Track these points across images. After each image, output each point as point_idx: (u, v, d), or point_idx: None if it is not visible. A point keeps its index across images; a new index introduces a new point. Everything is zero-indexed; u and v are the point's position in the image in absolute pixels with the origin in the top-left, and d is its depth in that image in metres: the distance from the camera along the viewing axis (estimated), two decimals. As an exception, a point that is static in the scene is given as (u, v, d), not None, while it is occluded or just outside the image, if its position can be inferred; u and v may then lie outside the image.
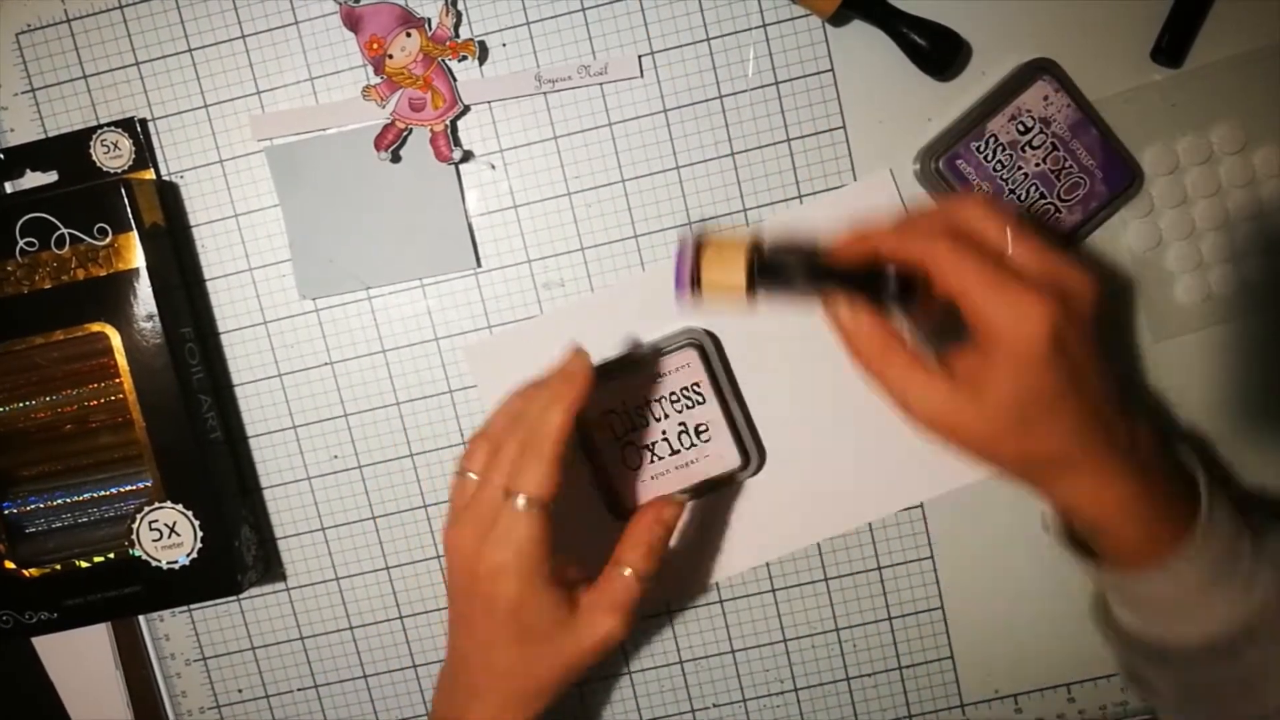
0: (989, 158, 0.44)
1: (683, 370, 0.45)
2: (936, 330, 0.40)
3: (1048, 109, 0.44)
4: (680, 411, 0.45)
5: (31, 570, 0.45)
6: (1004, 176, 0.44)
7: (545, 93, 0.46)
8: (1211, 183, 0.45)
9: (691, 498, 0.46)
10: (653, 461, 0.45)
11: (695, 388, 0.45)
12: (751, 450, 0.46)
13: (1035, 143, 0.44)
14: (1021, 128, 0.44)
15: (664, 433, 0.45)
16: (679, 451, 0.45)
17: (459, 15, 0.45)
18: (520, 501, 0.37)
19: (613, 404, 0.45)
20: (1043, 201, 0.44)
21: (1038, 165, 0.44)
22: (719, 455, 0.45)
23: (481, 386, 0.48)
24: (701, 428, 0.45)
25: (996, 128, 0.44)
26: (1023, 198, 0.44)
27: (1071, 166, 0.44)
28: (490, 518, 0.38)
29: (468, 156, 0.46)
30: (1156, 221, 0.46)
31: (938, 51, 0.43)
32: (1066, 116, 0.44)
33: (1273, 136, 0.45)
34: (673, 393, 0.45)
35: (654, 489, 0.46)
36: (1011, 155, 0.44)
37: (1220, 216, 0.46)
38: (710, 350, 0.45)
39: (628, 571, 0.40)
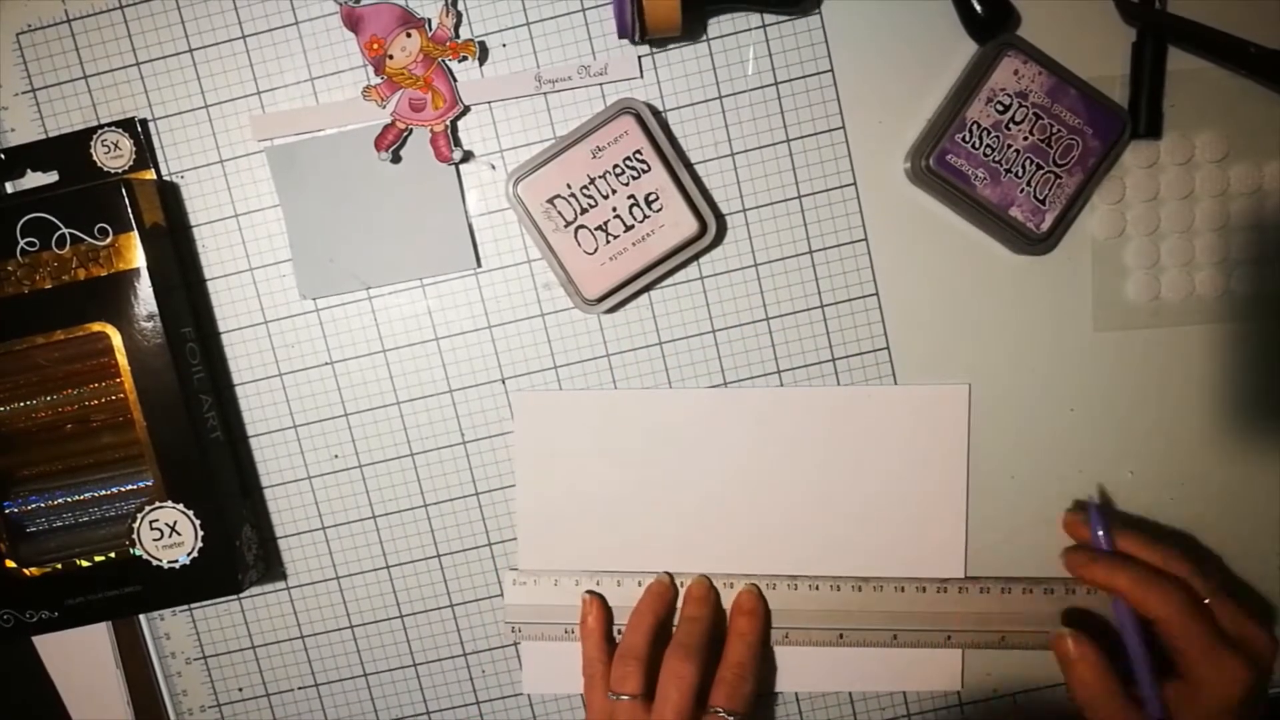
0: (976, 145, 0.44)
1: (622, 140, 0.43)
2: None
3: (1020, 82, 0.44)
4: (627, 184, 0.43)
5: (32, 569, 0.45)
6: (996, 159, 0.44)
7: (545, 93, 0.46)
8: (1185, 186, 0.46)
9: (660, 273, 0.45)
10: (608, 242, 0.44)
11: (638, 155, 0.43)
12: (706, 214, 0.44)
13: (1018, 118, 0.44)
14: (1000, 107, 0.44)
15: (614, 209, 0.44)
16: (633, 226, 0.44)
17: (459, 16, 0.45)
18: (726, 716, 0.43)
19: (556, 189, 0.44)
20: (1041, 172, 0.44)
21: (1026, 139, 0.44)
22: (674, 223, 0.44)
23: (520, 434, 0.48)
24: (651, 196, 0.44)
25: (976, 114, 0.44)
26: (1020, 174, 0.44)
27: (1060, 131, 0.44)
28: None
29: (468, 157, 0.46)
30: (1124, 212, 0.46)
31: (991, 14, 0.44)
32: (1041, 84, 0.44)
33: (1254, 154, 0.46)
34: (616, 165, 0.44)
35: (614, 271, 0.44)
36: (998, 137, 0.44)
37: (1186, 221, 0.46)
38: (646, 115, 0.44)
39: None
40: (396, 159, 0.46)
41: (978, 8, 0.44)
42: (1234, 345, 0.47)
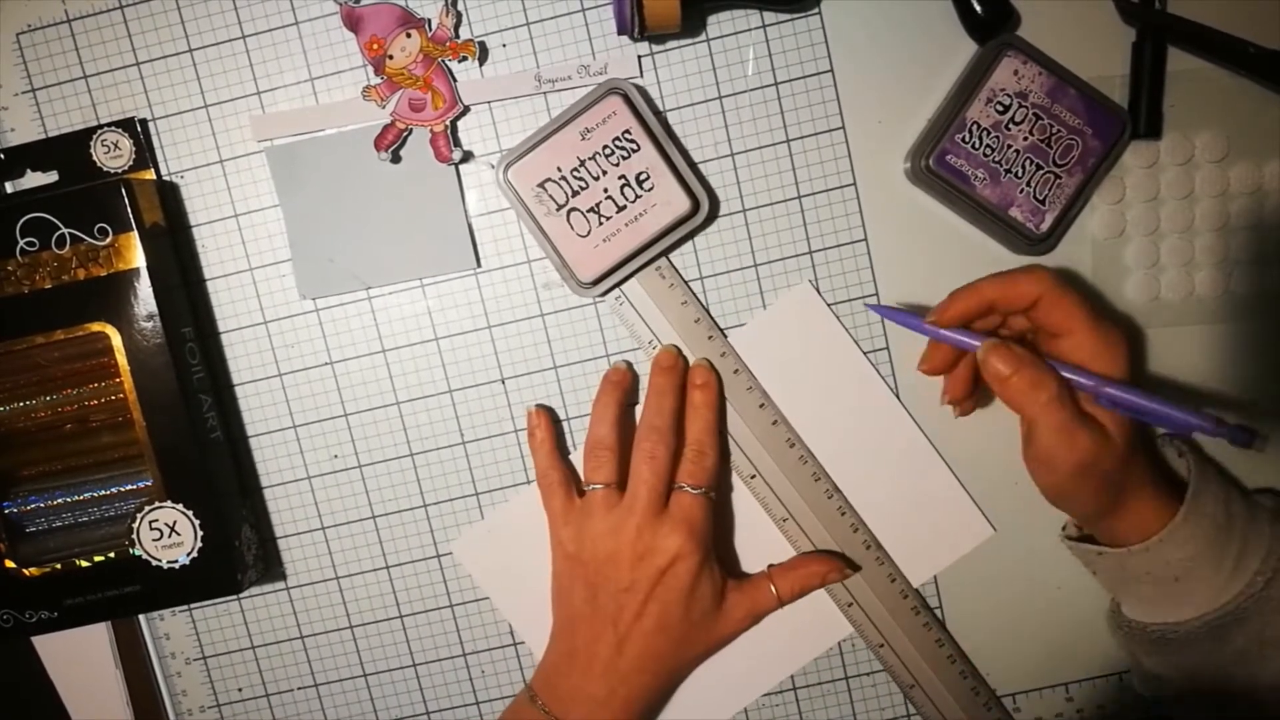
0: (976, 145, 0.44)
1: (610, 120, 0.44)
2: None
3: (1020, 82, 0.44)
4: (617, 164, 0.44)
5: (32, 569, 0.45)
6: (996, 159, 0.44)
7: (545, 93, 0.46)
8: (1185, 186, 0.46)
9: (654, 253, 0.45)
10: (601, 224, 0.44)
11: (627, 135, 0.44)
12: (698, 191, 0.44)
13: (1018, 118, 0.44)
14: (1000, 107, 0.44)
15: (605, 190, 0.44)
16: (624, 207, 0.44)
17: (459, 16, 0.45)
18: (692, 490, 0.43)
19: (546, 173, 0.44)
20: (1040, 172, 0.44)
21: (1026, 139, 0.44)
22: (666, 202, 0.44)
23: (479, 578, 0.49)
24: (642, 176, 0.44)
25: (976, 114, 0.44)
26: (1020, 174, 0.44)
27: (1059, 131, 0.44)
28: (652, 512, 0.43)
29: (468, 157, 0.46)
30: (1124, 212, 0.46)
31: (991, 14, 0.44)
32: (1041, 85, 0.44)
33: (1254, 154, 0.45)
34: (605, 146, 0.44)
35: (609, 252, 0.44)
36: (998, 137, 0.44)
37: (1186, 221, 0.46)
38: (634, 95, 0.44)
39: (773, 589, 0.45)
40: (396, 159, 0.46)
41: (978, 8, 0.44)
42: (1234, 345, 0.47)
